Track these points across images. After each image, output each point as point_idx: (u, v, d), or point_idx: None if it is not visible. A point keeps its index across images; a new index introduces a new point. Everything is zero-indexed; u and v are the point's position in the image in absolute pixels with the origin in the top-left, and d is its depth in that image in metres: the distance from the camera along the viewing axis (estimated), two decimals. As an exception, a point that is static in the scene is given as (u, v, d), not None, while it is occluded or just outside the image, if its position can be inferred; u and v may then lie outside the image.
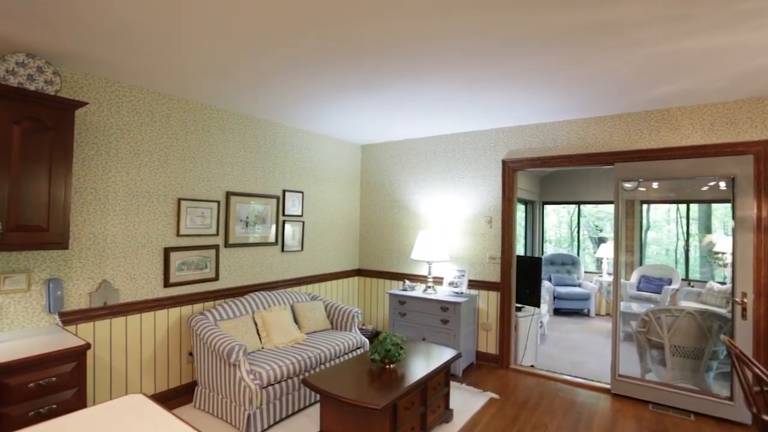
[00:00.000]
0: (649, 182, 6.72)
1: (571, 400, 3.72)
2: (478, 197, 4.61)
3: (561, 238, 10.01)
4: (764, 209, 3.25)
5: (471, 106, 3.71)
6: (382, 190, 5.41)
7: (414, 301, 4.43)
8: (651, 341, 3.97)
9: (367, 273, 5.52)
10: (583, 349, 5.31)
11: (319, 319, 4.16)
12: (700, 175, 3.49)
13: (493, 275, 4.48)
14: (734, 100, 3.37)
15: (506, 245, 4.38)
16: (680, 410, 3.52)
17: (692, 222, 7.84)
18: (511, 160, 4.39)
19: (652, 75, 2.88)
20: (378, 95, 3.45)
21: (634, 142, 3.76)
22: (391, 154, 5.34)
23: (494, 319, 4.48)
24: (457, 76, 2.98)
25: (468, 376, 4.22)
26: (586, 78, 2.96)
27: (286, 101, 3.68)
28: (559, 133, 4.13)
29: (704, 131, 3.48)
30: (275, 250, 4.45)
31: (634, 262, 7.20)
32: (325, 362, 3.58)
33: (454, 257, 4.75)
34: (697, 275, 7.40)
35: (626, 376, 3.80)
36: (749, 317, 3.28)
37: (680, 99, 3.39)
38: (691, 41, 2.33)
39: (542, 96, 3.39)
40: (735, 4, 1.94)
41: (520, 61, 2.67)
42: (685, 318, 3.75)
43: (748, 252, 3.29)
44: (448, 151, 4.85)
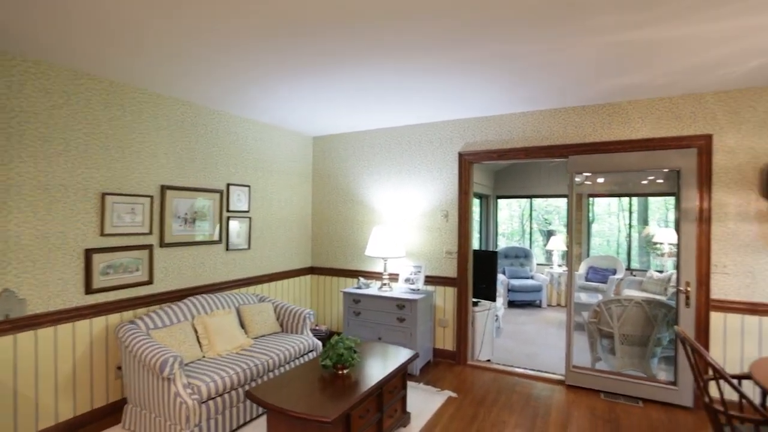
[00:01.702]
0: (595, 176, 6.96)
1: (528, 393, 3.71)
2: (435, 191, 4.50)
3: (513, 231, 10.23)
4: (706, 201, 3.36)
5: (426, 96, 3.56)
6: (336, 184, 5.17)
7: (369, 300, 4.25)
8: (602, 331, 4.05)
9: (321, 271, 5.27)
10: (536, 341, 5.38)
11: (267, 322, 3.88)
12: (649, 167, 3.56)
13: (450, 270, 4.39)
14: (679, 96, 3.45)
15: (463, 239, 4.30)
16: (630, 397, 3.59)
17: (632, 214, 8.24)
18: (467, 153, 4.30)
19: (605, 67, 2.85)
20: (327, 81, 3.21)
21: (587, 135, 3.78)
22: (344, 146, 5.11)
23: (451, 315, 4.40)
24: (410, 63, 2.80)
25: (426, 374, 4.11)
26: (542, 68, 2.89)
27: (227, 86, 3.35)
28: (515, 125, 4.09)
29: (652, 125, 3.55)
30: (219, 248, 4.10)
31: (582, 254, 7.45)
32: (273, 369, 3.32)
33: (410, 253, 4.61)
34: (638, 264, 7.79)
35: (579, 367, 3.84)
36: (692, 305, 3.39)
37: (631, 93, 3.42)
38: (644, 32, 2.30)
39: (499, 87, 3.30)
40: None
41: (476, 48, 2.54)
42: (633, 308, 3.84)
43: (692, 242, 3.40)
44: (404, 143, 4.69)
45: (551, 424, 3.18)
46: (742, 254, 3.27)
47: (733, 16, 2.12)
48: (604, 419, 3.26)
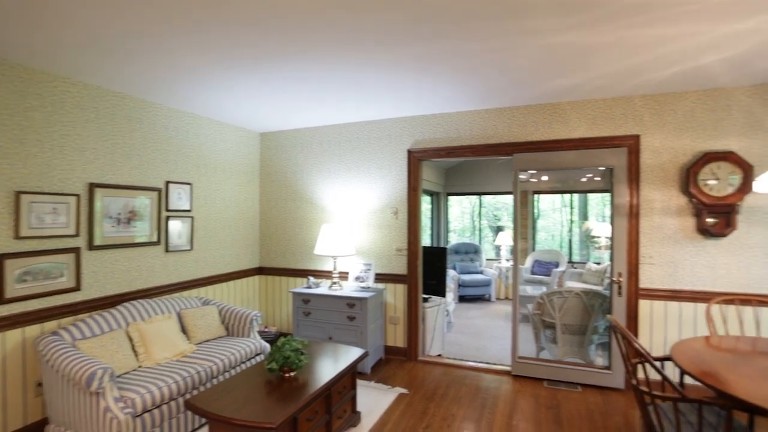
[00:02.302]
0: (540, 174, 7.28)
1: (477, 386, 3.80)
2: (384, 188, 4.49)
3: (464, 227, 10.50)
4: (635, 197, 3.59)
5: (376, 92, 3.54)
6: (284, 181, 5.03)
7: (319, 299, 4.17)
8: (545, 322, 4.23)
9: (269, 271, 5.11)
10: (485, 334, 5.54)
11: (212, 327, 3.70)
12: (585, 165, 3.76)
13: (400, 267, 4.41)
14: (612, 98, 3.66)
15: (412, 236, 4.33)
16: (570, 383, 3.78)
17: (574, 210, 8.71)
18: (416, 150, 4.33)
19: (545, 68, 2.96)
20: (270, 76, 3.10)
21: (530, 134, 3.92)
22: (293, 142, 4.98)
23: (402, 312, 4.42)
24: (357, 59, 2.77)
25: (377, 372, 4.10)
26: (487, 67, 2.95)
27: (163, 78, 3.14)
28: (463, 123, 4.17)
29: (588, 125, 3.74)
30: (157, 250, 3.86)
31: (528, 248, 7.77)
32: (218, 375, 3.17)
33: (360, 251, 4.58)
34: (579, 257, 8.25)
35: (524, 358, 4.00)
36: (623, 294, 3.62)
37: (569, 94, 3.59)
38: (577, 35, 2.40)
39: (447, 85, 3.34)
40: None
41: (422, 45, 2.54)
42: (573, 298, 4.05)
43: (623, 236, 3.62)
44: (353, 140, 4.65)
45: (498, 413, 3.28)
46: (665, 246, 3.53)
47: (650, 25, 2.26)
48: (547, 406, 3.40)
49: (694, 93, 3.45)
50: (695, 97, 3.45)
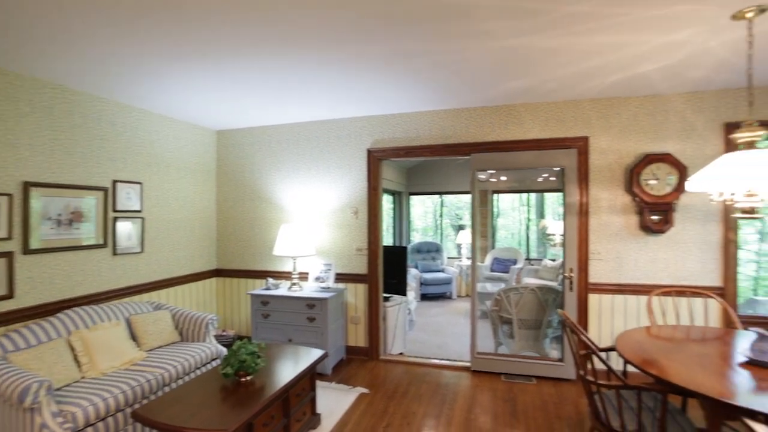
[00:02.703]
0: (499, 174, 7.50)
1: (437, 382, 3.85)
2: (344, 188, 4.47)
3: (427, 227, 10.64)
4: (585, 196, 3.76)
5: (334, 91, 3.51)
6: (242, 181, 4.90)
7: (278, 301, 4.09)
8: (502, 318, 4.36)
9: (227, 273, 4.96)
10: (447, 331, 5.63)
11: (164, 332, 3.54)
12: (539, 165, 3.90)
13: (361, 267, 4.40)
14: (563, 101, 3.82)
15: (372, 236, 4.33)
16: (526, 376, 3.91)
17: (531, 209, 9.03)
18: (375, 150, 4.34)
19: (500, 70, 3.04)
20: (226, 72, 3.00)
21: (487, 135, 4.02)
22: (251, 141, 4.85)
23: (363, 312, 4.41)
24: (313, 56, 2.73)
25: (338, 373, 4.07)
26: (444, 68, 2.99)
27: (108, 70, 2.97)
28: (422, 123, 4.21)
29: (542, 127, 3.88)
30: (104, 253, 3.65)
31: (488, 246, 7.97)
32: (170, 383, 3.04)
33: (320, 251, 4.54)
34: (536, 254, 8.57)
35: (483, 353, 4.09)
36: (575, 289, 3.79)
37: (523, 96, 3.70)
38: (529, 39, 2.48)
39: (404, 84, 3.36)
40: (564, 6, 2.08)
41: (377, 43, 2.55)
42: (528, 294, 4.19)
43: (574, 233, 3.79)
44: (313, 138, 4.59)
45: (457, 409, 3.34)
46: (611, 242, 3.72)
47: (593, 33, 2.37)
48: (504, 399, 3.50)
49: (636, 99, 3.65)
50: (637, 102, 3.66)
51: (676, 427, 2.10)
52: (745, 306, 4.96)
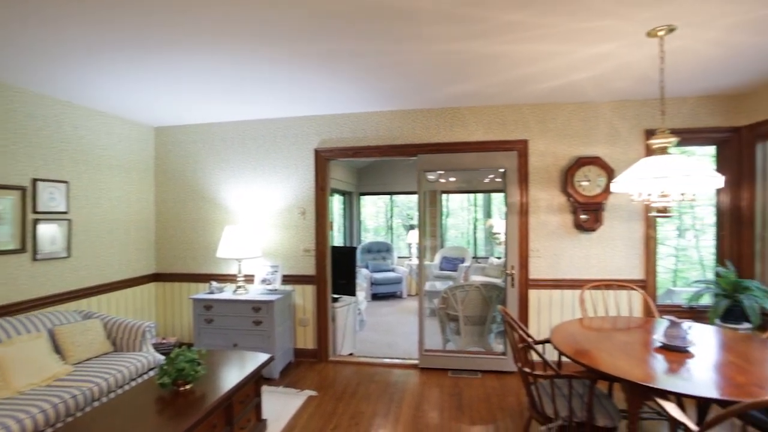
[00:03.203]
0: (447, 174, 7.69)
1: (386, 381, 3.89)
2: (291, 188, 4.39)
3: (379, 227, 10.70)
4: (525, 196, 3.96)
5: (281, 89, 3.44)
6: (183, 180, 4.67)
7: (222, 305, 3.94)
8: (449, 315, 4.47)
9: (167, 277, 4.71)
10: (397, 330, 5.70)
11: (94, 343, 3.30)
12: (483, 166, 4.05)
13: (309, 268, 4.35)
14: (504, 105, 3.99)
15: (320, 237, 4.29)
16: (471, 371, 4.04)
17: (479, 209, 9.35)
18: (323, 150, 4.30)
19: (444, 74, 3.12)
20: (164, 65, 2.85)
21: (433, 136, 4.11)
22: (193, 138, 4.64)
23: (311, 314, 4.36)
24: (257, 53, 2.66)
25: (286, 376, 4.00)
26: (391, 68, 3.02)
27: (24, 57, 2.71)
28: (369, 123, 4.23)
29: (484, 129, 4.03)
30: (22, 259, 3.33)
31: (437, 246, 8.15)
32: (100, 398, 2.83)
33: (267, 252, 4.43)
34: (484, 253, 8.88)
35: (430, 350, 4.18)
36: (516, 285, 3.97)
37: (467, 100, 3.83)
38: (469, 45, 2.57)
39: (351, 84, 3.36)
40: (500, 14, 2.17)
41: (322, 42, 2.53)
42: (473, 291, 4.34)
43: (515, 232, 3.97)
44: (259, 137, 4.47)
45: (405, 406, 3.39)
46: (549, 240, 3.94)
47: (528, 41, 2.50)
48: (450, 394, 3.60)
49: (570, 105, 3.89)
50: (571, 108, 3.90)
51: (603, 410, 2.26)
52: (664, 296, 5.44)
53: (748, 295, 3.33)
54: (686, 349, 2.26)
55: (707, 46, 2.59)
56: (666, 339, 2.31)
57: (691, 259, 8.61)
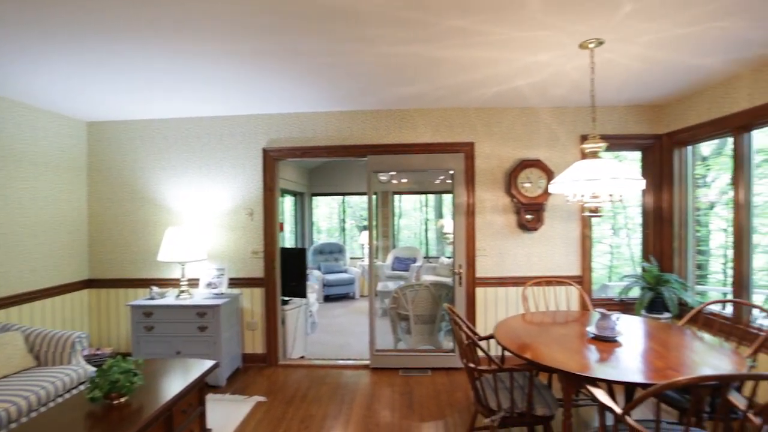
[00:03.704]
0: (399, 175, 7.79)
1: (337, 383, 3.87)
2: (239, 188, 4.26)
3: (332, 228, 10.63)
4: (471, 197, 4.09)
5: (227, 86, 3.33)
6: (121, 179, 4.38)
7: (164, 311, 3.74)
8: (400, 314, 4.53)
9: (102, 283, 4.39)
10: (349, 331, 5.69)
11: (13, 358, 3.01)
12: (431, 168, 4.14)
13: (257, 270, 4.23)
14: (451, 108, 4.10)
15: (269, 238, 4.20)
16: (422, 369, 4.11)
17: (430, 209, 9.54)
18: (271, 149, 4.21)
19: (392, 76, 3.15)
20: (96, 55, 2.66)
21: (383, 137, 4.15)
22: (131, 135, 4.36)
23: (260, 317, 4.25)
24: (200, 47, 2.55)
25: (234, 383, 3.87)
26: (340, 69, 3.00)
27: (-74, 42, 2.43)
28: (319, 124, 4.19)
29: (433, 131, 4.12)
30: (-73, 266, 2.98)
31: (389, 246, 8.22)
32: (19, 418, 2.59)
33: (212, 255, 4.26)
34: (435, 252, 9.07)
35: (381, 350, 4.21)
36: (463, 283, 4.09)
37: (416, 102, 3.89)
38: (414, 48, 2.61)
39: (301, 83, 3.31)
40: (444, 20, 2.24)
41: (273, 40, 2.47)
42: (423, 291, 4.42)
43: (463, 232, 4.09)
44: (204, 135, 4.29)
45: (356, 407, 3.39)
46: (495, 239, 4.10)
47: (473, 47, 2.59)
48: (401, 392, 3.65)
49: (513, 109, 4.08)
50: (515, 113, 4.08)
51: (542, 400, 2.38)
52: (599, 291, 5.84)
53: (668, 288, 3.65)
54: (615, 339, 2.43)
55: (631, 60, 2.81)
56: (597, 330, 2.48)
57: (624, 255, 9.29)
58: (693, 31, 2.38)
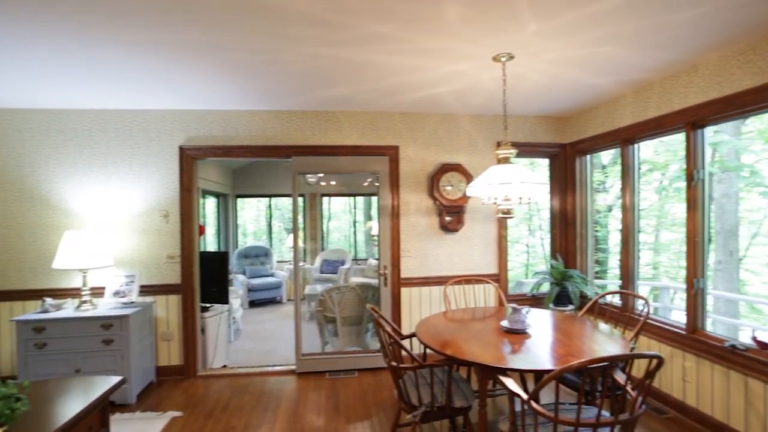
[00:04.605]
0: (329, 177, 7.73)
1: (261, 391, 3.73)
2: (152, 188, 3.95)
3: (260, 230, 10.26)
4: (396, 199, 4.19)
5: (138, 78, 3.06)
6: (6, 177, 3.84)
7: (59, 325, 3.34)
8: (327, 317, 4.50)
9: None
10: (275, 336, 5.52)
11: None
12: (357, 170, 4.17)
13: (173, 276, 3.95)
14: (377, 111, 4.17)
15: (187, 241, 3.94)
16: (349, 371, 4.12)
17: (359, 211, 9.59)
18: (189, 148, 3.96)
19: (318, 77, 3.13)
20: (-32, 33, 2.31)
21: (308, 138, 4.10)
22: (19, 127, 3.85)
23: (177, 326, 3.97)
24: (106, 35, 2.33)
25: (146, 399, 3.57)
26: (264, 67, 2.91)
27: None
28: (241, 122, 4.03)
29: (359, 134, 4.16)
30: None
31: (318, 249, 8.13)
32: None
33: (121, 261, 3.90)
34: (364, 254, 9.13)
35: (307, 354, 4.15)
36: (389, 284, 4.18)
37: (342, 104, 3.90)
38: (344, 51, 2.63)
39: (222, 79, 3.16)
40: (367, 25, 2.27)
41: (190, 31, 2.33)
42: (349, 292, 4.43)
43: (388, 233, 4.18)
44: (110, 130, 3.92)
45: (281, 413, 3.30)
46: (419, 241, 4.24)
47: (395, 53, 2.66)
48: (327, 396, 3.62)
49: (436, 115, 4.25)
50: (437, 118, 4.26)
51: (460, 392, 2.51)
52: (515, 287, 6.29)
53: (572, 282, 4.04)
54: (525, 331, 2.64)
55: (539, 75, 3.08)
56: (509, 324, 2.67)
57: (539, 254, 10.10)
58: (585, 53, 2.67)
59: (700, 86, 2.89)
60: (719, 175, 5.98)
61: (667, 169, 7.61)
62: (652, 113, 3.30)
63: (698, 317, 3.04)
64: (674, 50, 2.66)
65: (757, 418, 2.57)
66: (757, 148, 6.08)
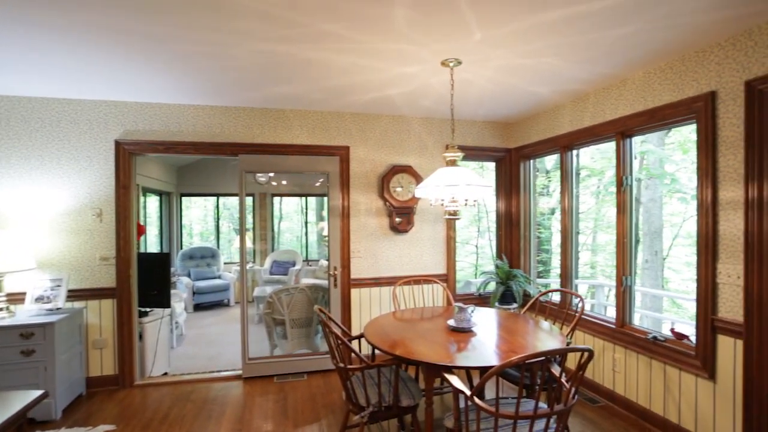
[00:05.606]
0: (280, 177, 7.55)
1: (204, 398, 3.58)
2: (84, 185, 3.66)
3: (207, 231, 9.84)
4: (346, 200, 4.17)
5: (65, 63, 2.83)
6: None
7: (-29, 335, 3.02)
8: (276, 319, 4.39)
9: None
10: (221, 340, 5.31)
11: None
12: (307, 170, 4.11)
13: (108, 279, 3.69)
14: (328, 111, 4.14)
15: (123, 242, 3.69)
16: (298, 374, 4.04)
17: (311, 212, 9.46)
18: (127, 142, 3.72)
19: (266, 73, 3.05)
20: None
21: (256, 136, 3.98)
22: None
23: (111, 333, 3.71)
24: (24, 15, 2.13)
25: (73, 414, 3.30)
26: (209, 60, 2.79)
27: None
28: (185, 117, 3.84)
29: (309, 133, 4.10)
30: None
31: (268, 249, 7.93)
32: None
33: (46, 263, 3.58)
34: (316, 255, 9.01)
35: (255, 358, 4.03)
36: (339, 285, 4.15)
37: (292, 102, 3.83)
38: (292, 48, 2.58)
39: (162, 71, 2.99)
40: (316, 22, 2.25)
41: (122, 17, 2.18)
42: (298, 294, 4.36)
43: (338, 234, 4.15)
44: (33, 120, 3.59)
45: (225, 421, 3.18)
46: (369, 241, 4.25)
47: (345, 53, 2.66)
48: (275, 400, 3.53)
49: (387, 117, 4.28)
50: (388, 120, 4.29)
51: (407, 391, 2.53)
52: (464, 287, 6.47)
53: (516, 281, 4.22)
54: (471, 330, 2.72)
55: (485, 81, 3.19)
56: (456, 323, 2.74)
57: (487, 255, 10.45)
58: (528, 63, 2.81)
59: (628, 99, 3.13)
60: (646, 181, 6.51)
61: (603, 175, 8.18)
62: (588, 122, 3.53)
63: (626, 312, 3.28)
64: (606, 65, 2.86)
65: (674, 402, 2.81)
66: (677, 158, 6.69)
